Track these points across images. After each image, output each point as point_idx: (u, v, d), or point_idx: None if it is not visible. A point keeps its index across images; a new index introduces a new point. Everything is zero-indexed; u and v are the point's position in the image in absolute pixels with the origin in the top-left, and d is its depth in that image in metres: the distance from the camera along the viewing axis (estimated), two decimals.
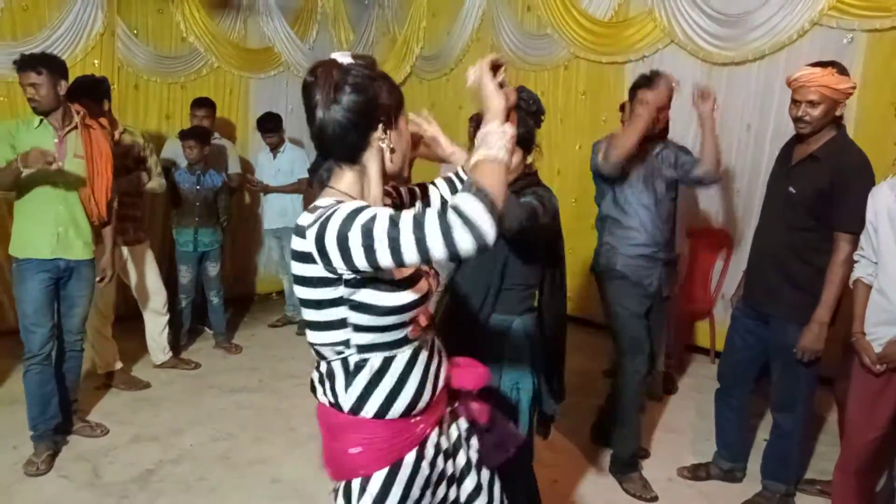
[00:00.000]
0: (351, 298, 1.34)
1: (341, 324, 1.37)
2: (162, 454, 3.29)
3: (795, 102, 2.60)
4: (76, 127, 3.13)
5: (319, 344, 1.42)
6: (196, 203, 4.54)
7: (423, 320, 1.46)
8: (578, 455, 3.33)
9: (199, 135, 4.52)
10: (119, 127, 3.95)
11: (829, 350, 2.67)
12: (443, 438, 1.55)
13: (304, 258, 1.33)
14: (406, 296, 1.37)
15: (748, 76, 4.29)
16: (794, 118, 2.62)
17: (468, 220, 1.17)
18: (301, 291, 1.38)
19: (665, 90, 2.86)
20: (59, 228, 3.10)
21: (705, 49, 4.39)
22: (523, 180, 2.10)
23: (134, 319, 4.36)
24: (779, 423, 2.87)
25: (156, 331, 4.30)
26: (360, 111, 1.35)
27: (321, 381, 1.46)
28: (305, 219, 1.33)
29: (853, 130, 3.48)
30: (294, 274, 1.37)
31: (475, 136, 2.06)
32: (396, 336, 1.40)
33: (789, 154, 2.76)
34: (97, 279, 3.34)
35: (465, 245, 1.18)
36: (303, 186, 5.04)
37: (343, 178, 1.41)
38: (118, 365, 4.04)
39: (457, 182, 1.67)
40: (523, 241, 2.02)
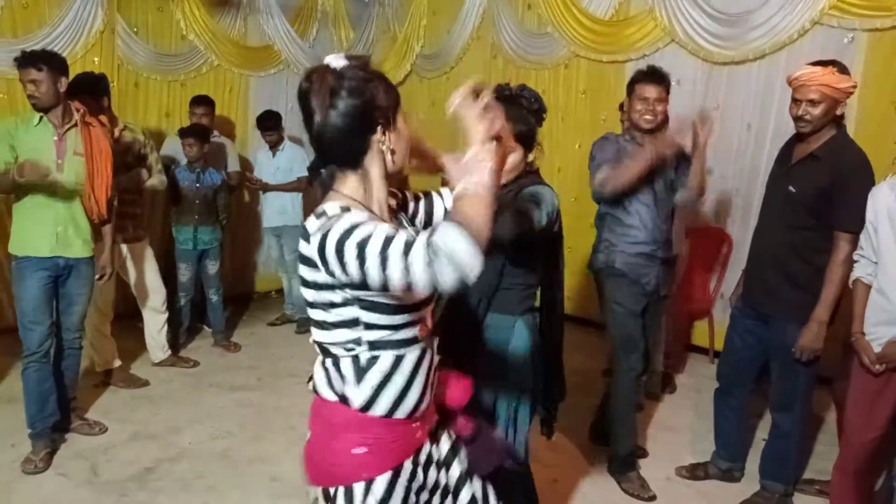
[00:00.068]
0: (363, 298, 1.33)
1: (353, 323, 1.37)
2: (161, 452, 3.29)
3: (796, 101, 2.60)
4: (76, 125, 3.12)
5: (328, 343, 1.41)
6: (196, 201, 4.53)
7: (430, 321, 1.46)
8: (577, 454, 3.33)
9: (199, 133, 4.52)
10: (119, 124, 3.95)
11: (828, 350, 2.67)
12: (434, 448, 1.56)
13: (310, 263, 1.34)
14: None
15: (748, 75, 4.29)
16: (795, 117, 2.62)
17: (450, 255, 1.15)
18: (309, 294, 1.38)
19: (670, 142, 2.84)
20: (59, 227, 3.09)
21: (706, 48, 4.39)
22: (525, 178, 2.10)
23: (133, 317, 4.35)
24: (777, 423, 2.87)
25: (155, 329, 4.30)
26: (358, 115, 1.33)
27: (327, 376, 1.43)
28: (311, 224, 1.34)
29: (854, 130, 3.48)
30: (301, 276, 1.37)
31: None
32: (407, 335, 1.40)
33: (789, 153, 2.76)
34: (97, 277, 3.33)
35: (447, 277, 1.16)
36: (302, 185, 5.03)
37: (346, 182, 1.40)
38: (117, 363, 4.04)
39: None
40: (521, 244, 2.01)
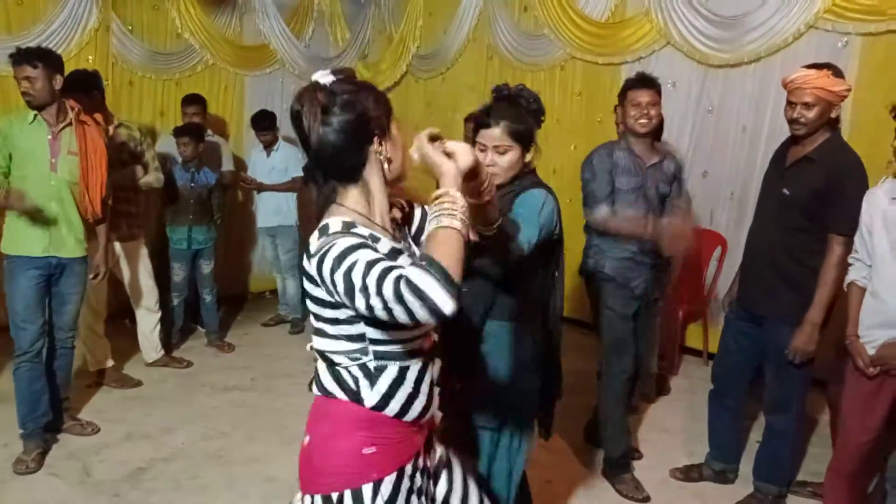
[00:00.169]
0: (367, 316, 1.32)
1: (359, 338, 1.38)
2: (154, 452, 3.27)
3: (791, 104, 2.61)
4: (70, 123, 3.10)
5: (332, 352, 1.41)
6: (190, 200, 4.52)
7: (434, 334, 1.48)
8: (572, 455, 3.33)
9: (194, 131, 4.51)
10: (114, 121, 3.93)
11: (822, 352, 2.68)
12: (427, 458, 1.56)
13: (312, 280, 1.35)
14: None
15: (744, 78, 4.29)
16: (790, 120, 2.63)
17: (421, 294, 1.16)
18: (314, 308, 1.39)
19: (667, 239, 2.88)
20: (52, 226, 3.08)
21: (701, 51, 4.39)
22: (524, 178, 2.09)
23: (123, 315, 4.32)
24: (771, 425, 2.88)
25: (148, 328, 4.28)
26: (353, 129, 1.35)
27: (336, 376, 1.42)
28: (314, 242, 1.35)
29: (848, 133, 3.49)
30: (306, 291, 1.38)
31: (474, 136, 2.05)
32: (413, 347, 1.42)
33: (784, 155, 2.76)
34: (90, 276, 3.31)
35: (420, 315, 1.18)
36: (297, 185, 5.01)
37: (348, 196, 1.41)
38: (110, 362, 4.01)
39: None
40: (511, 267, 2.01)
